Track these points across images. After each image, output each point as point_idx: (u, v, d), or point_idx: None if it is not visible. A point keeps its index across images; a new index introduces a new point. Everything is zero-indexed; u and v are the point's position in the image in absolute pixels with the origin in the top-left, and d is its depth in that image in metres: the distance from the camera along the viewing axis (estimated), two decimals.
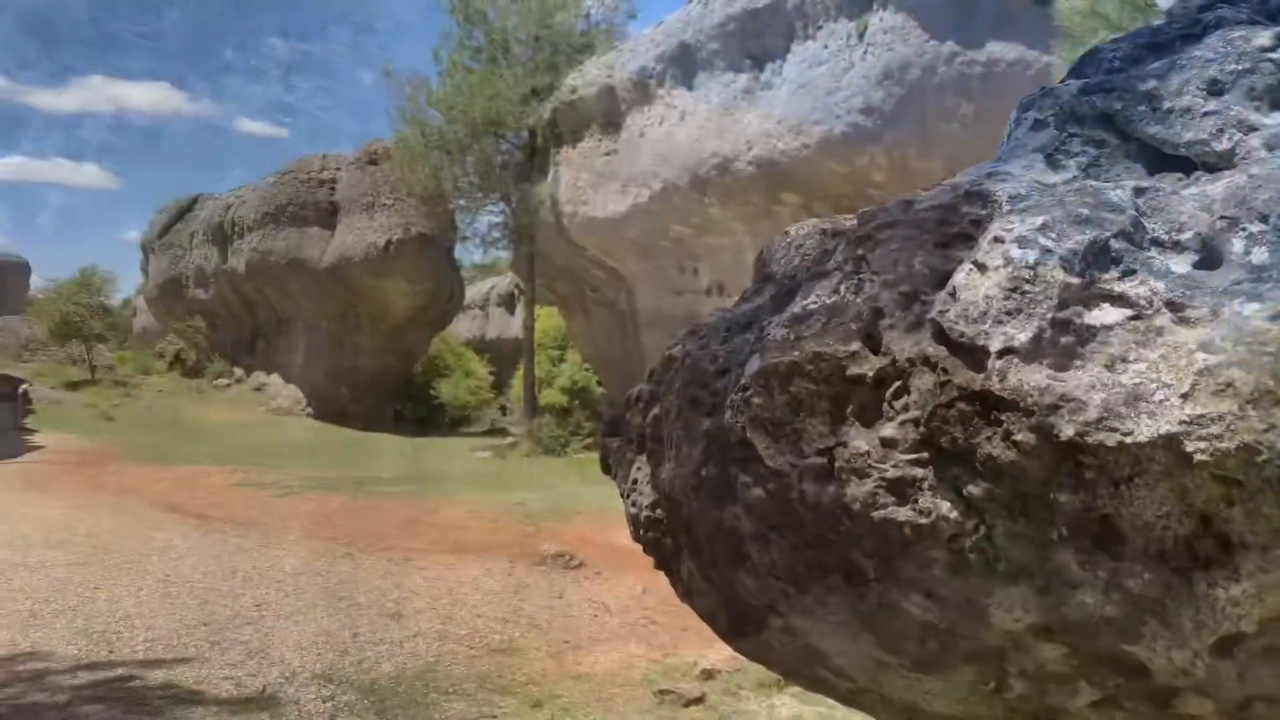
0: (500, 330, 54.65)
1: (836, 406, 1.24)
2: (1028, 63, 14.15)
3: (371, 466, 19.40)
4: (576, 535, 11.73)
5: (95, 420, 28.67)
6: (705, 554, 1.47)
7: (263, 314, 39.46)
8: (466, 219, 28.76)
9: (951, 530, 1.17)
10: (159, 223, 44.76)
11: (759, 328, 1.42)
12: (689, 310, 22.65)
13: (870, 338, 1.25)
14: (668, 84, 21.04)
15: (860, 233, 1.37)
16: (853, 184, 16.67)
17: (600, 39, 25.68)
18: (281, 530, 11.62)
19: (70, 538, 10.52)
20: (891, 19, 15.43)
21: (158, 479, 15.97)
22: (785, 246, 1.66)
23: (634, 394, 1.92)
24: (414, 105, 26.37)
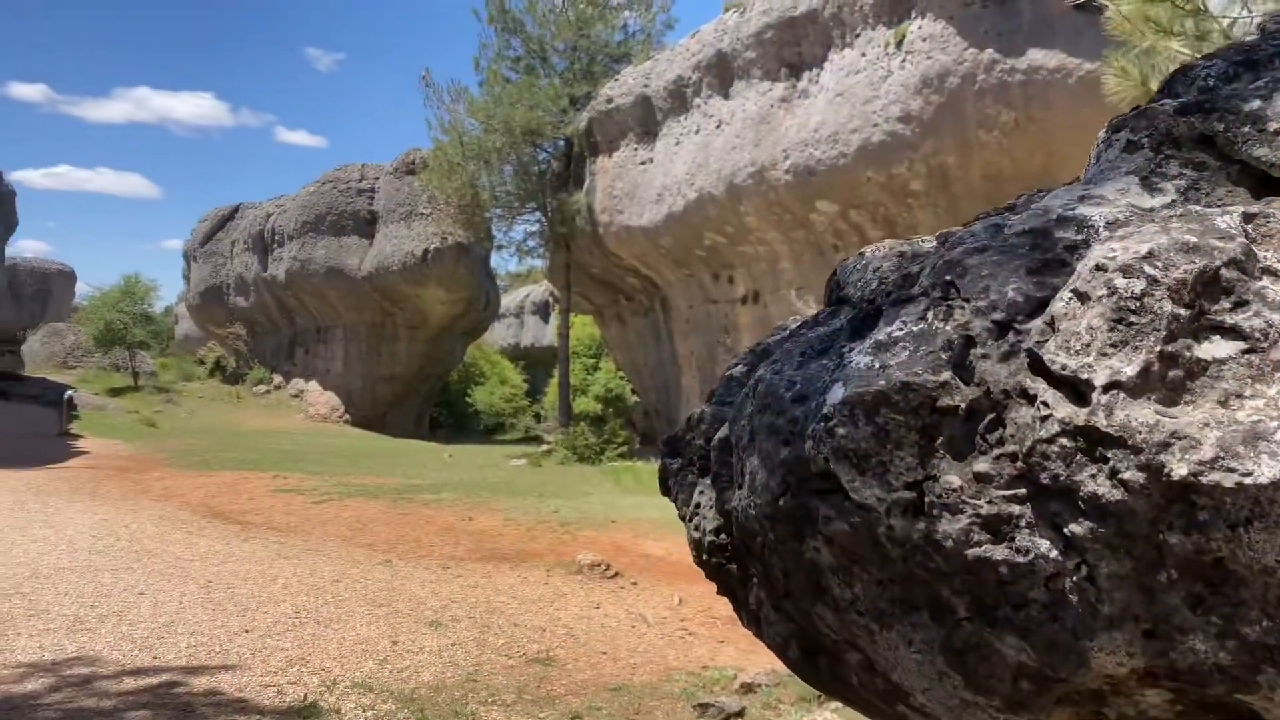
0: (535, 338, 54.96)
1: (926, 439, 1.20)
2: (1069, 70, 13.97)
3: (408, 473, 19.51)
4: (612, 544, 11.70)
5: (138, 426, 29.13)
6: (779, 585, 1.43)
7: (301, 321, 39.97)
8: (503, 228, 28.93)
9: (1051, 570, 1.13)
10: (201, 231, 45.49)
11: (838, 354, 1.38)
12: (724, 318, 22.61)
13: (961, 367, 1.20)
14: (704, 93, 21.04)
15: (948, 257, 1.33)
16: (890, 193, 16.55)
17: (637, 49, 25.75)
18: (320, 537, 11.70)
19: (115, 543, 10.67)
20: (930, 27, 15.31)
21: (199, 485, 16.17)
22: (861, 269, 1.62)
23: (695, 415, 1.88)
24: (452, 115, 26.58)
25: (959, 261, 1.28)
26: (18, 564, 9.32)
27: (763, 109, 18.84)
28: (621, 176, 23.84)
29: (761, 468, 1.35)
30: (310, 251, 35.93)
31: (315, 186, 36.96)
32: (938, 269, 1.32)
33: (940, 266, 1.31)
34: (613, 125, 24.21)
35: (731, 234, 20.70)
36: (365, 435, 32.94)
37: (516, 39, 26.28)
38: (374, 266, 34.13)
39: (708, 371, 23.69)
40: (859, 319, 1.44)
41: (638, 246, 23.96)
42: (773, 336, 1.76)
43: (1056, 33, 14.18)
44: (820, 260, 19.16)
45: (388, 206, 34.75)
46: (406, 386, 37.79)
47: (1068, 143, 14.44)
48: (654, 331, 27.44)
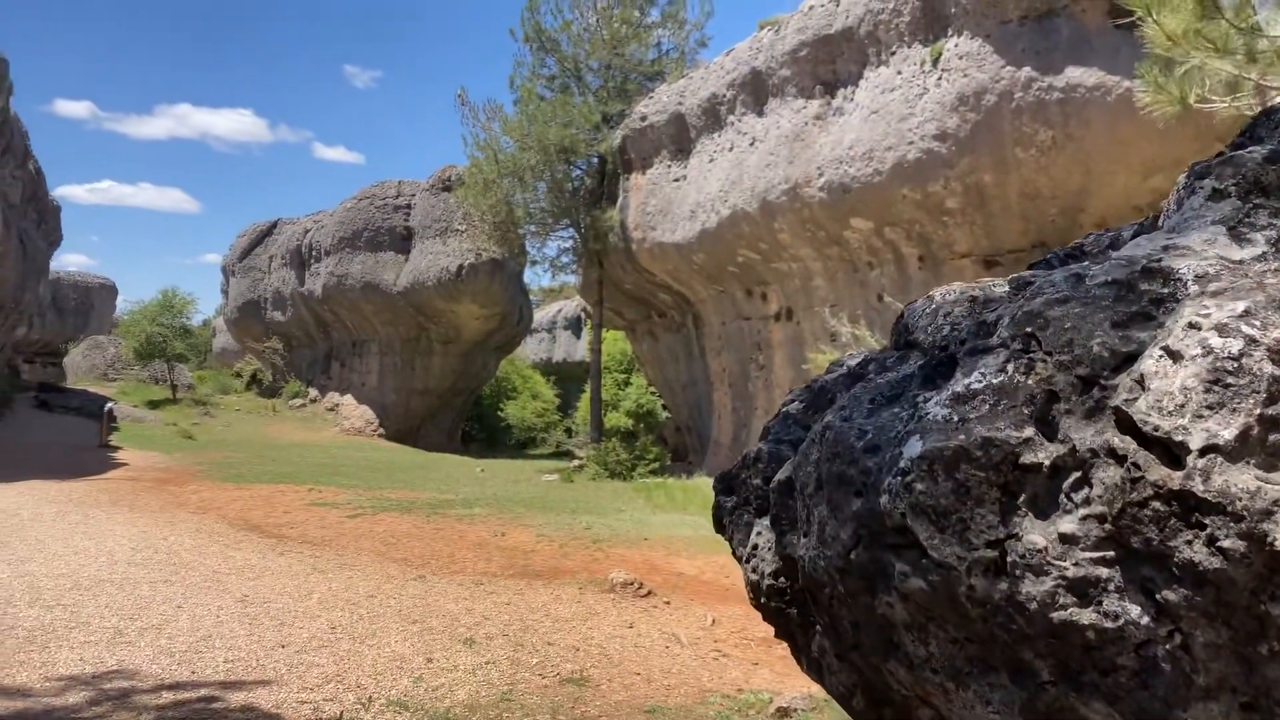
0: (567, 353, 55.13)
1: (1007, 496, 1.17)
2: (1108, 88, 13.83)
3: (441, 487, 19.60)
4: (644, 562, 11.66)
5: (176, 438, 29.52)
6: (847, 637, 1.40)
7: (337, 336, 40.39)
8: (537, 244, 29.10)
9: (1142, 637, 1.09)
10: (239, 246, 46.16)
11: (911, 403, 1.36)
12: (756, 335, 22.55)
13: (1045, 423, 1.17)
14: (738, 110, 21.06)
15: (1027, 308, 1.29)
16: (926, 210, 16.45)
17: (671, 66, 25.86)
18: (355, 551, 11.76)
19: (153, 555, 10.79)
20: (966, 45, 15.23)
21: (235, 498, 16.34)
22: (930, 313, 1.59)
23: (751, 454, 1.86)
24: (488, 132, 26.81)
25: (1040, 313, 1.25)
26: (60, 575, 9.45)
27: (797, 126, 18.82)
28: (655, 193, 23.90)
29: (831, 518, 1.32)
30: (347, 266, 36.33)
31: (352, 202, 37.40)
32: (1017, 320, 1.28)
33: (1020, 317, 1.28)
34: (646, 142, 24.29)
35: (765, 251, 20.66)
36: (399, 449, 33.15)
37: (551, 58, 26.51)
38: (409, 282, 34.43)
39: (740, 388, 23.61)
40: (932, 366, 1.41)
41: (671, 263, 23.98)
42: (830, 374, 1.73)
43: (1095, 50, 14.05)
44: (854, 278, 19.07)
45: (423, 222, 35.08)
46: (440, 400, 38.03)
47: (1106, 161, 14.29)
48: (686, 347, 27.41)
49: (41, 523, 12.70)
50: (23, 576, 9.28)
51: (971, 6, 15.07)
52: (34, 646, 6.96)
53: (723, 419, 24.73)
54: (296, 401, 40.33)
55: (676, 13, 26.25)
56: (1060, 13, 14.35)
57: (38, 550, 10.75)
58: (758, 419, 22.58)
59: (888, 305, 17.90)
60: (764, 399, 22.42)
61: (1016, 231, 15.84)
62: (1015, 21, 14.69)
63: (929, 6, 15.95)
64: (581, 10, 26.15)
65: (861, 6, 17.24)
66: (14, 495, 15.30)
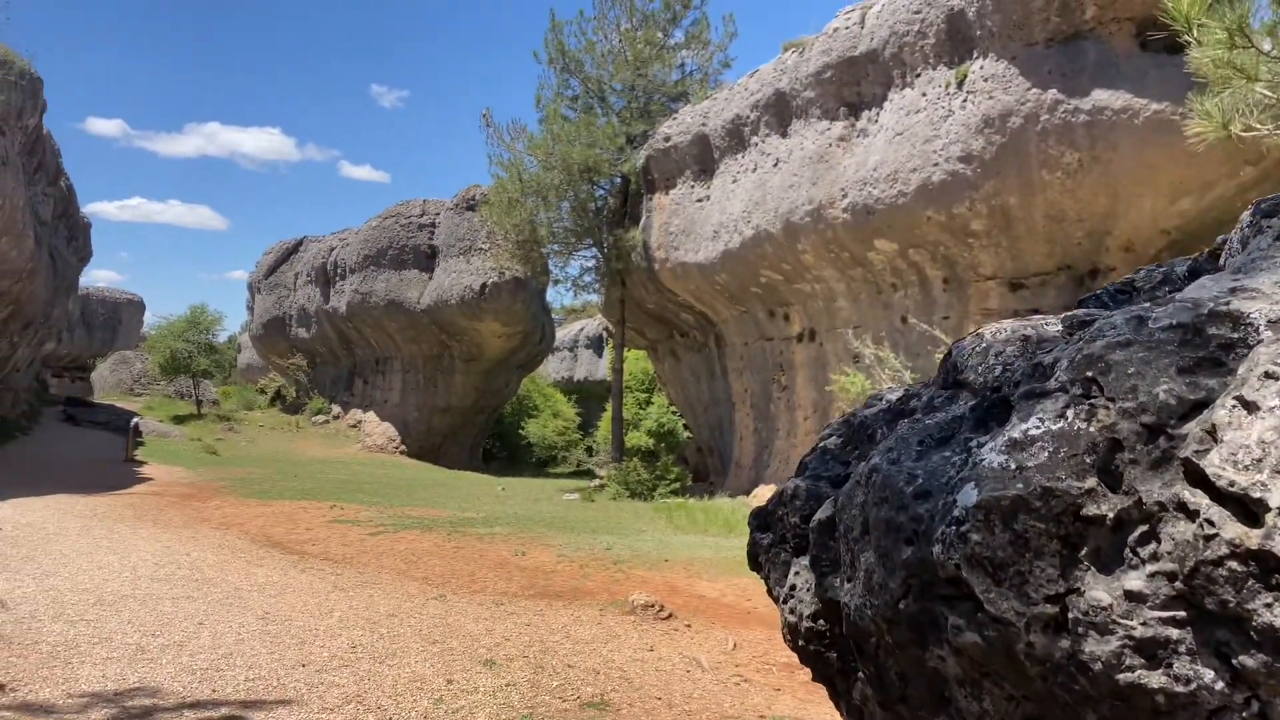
0: (588, 372, 55.18)
1: (1069, 549, 1.12)
2: (1135, 111, 13.74)
3: (461, 505, 19.58)
4: (665, 584, 11.56)
5: (199, 454, 29.71)
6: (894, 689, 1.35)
7: (361, 353, 40.62)
8: (559, 263, 29.20)
9: (1216, 703, 1.04)
10: (265, 264, 46.61)
11: (963, 446, 1.31)
12: (779, 356, 22.47)
13: (1108, 473, 1.13)
14: (762, 131, 21.09)
15: (1087, 351, 1.25)
16: (951, 232, 16.36)
17: (694, 88, 25.96)
18: (376, 569, 11.75)
19: (176, 571, 10.82)
20: (992, 67, 15.19)
21: (258, 514, 16.39)
22: (980, 352, 1.55)
23: (788, 490, 1.81)
24: (512, 152, 26.99)
25: (1101, 357, 1.21)
26: (84, 590, 9.49)
27: (821, 148, 18.81)
28: (678, 213, 23.93)
29: (879, 566, 1.27)
30: (371, 284, 36.58)
31: (378, 221, 37.70)
32: (1077, 363, 1.24)
33: (1079, 360, 1.24)
34: (670, 163, 24.36)
35: (788, 271, 20.62)
36: (420, 466, 33.22)
37: (575, 79, 26.68)
38: (433, 300, 34.62)
39: (762, 409, 23.51)
40: (984, 409, 1.36)
41: (693, 283, 23.98)
42: (869, 409, 1.69)
43: (1122, 73, 13.97)
44: (877, 299, 18.98)
45: (448, 241, 35.29)
46: (462, 418, 38.12)
47: (1134, 184, 14.18)
48: (708, 367, 27.36)
49: (66, 537, 12.79)
50: (47, 591, 9.33)
51: (997, 29, 15.03)
52: (57, 662, 6.98)
53: (744, 440, 24.62)
54: (319, 418, 40.56)
55: (700, 34, 26.38)
56: (1087, 35, 14.28)
57: (62, 565, 10.81)
58: (780, 440, 22.46)
59: (911, 327, 17.78)
60: (786, 420, 22.31)
61: (1042, 254, 15.72)
62: (1041, 44, 14.64)
63: (954, 29, 15.93)
64: (605, 32, 26.33)
65: (886, 29, 17.23)
66: (40, 509, 15.42)
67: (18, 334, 28.53)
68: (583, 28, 26.44)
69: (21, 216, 22.22)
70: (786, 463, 21.90)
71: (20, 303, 26.09)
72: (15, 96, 21.99)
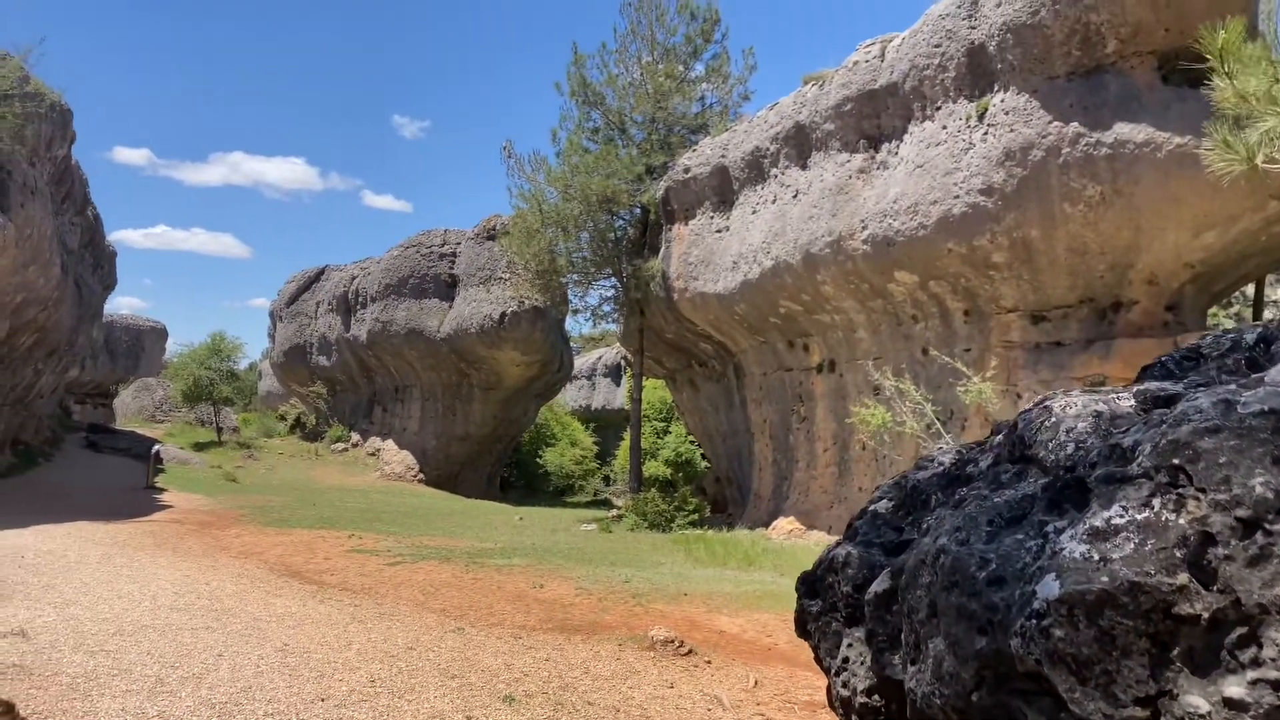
0: (606, 400, 55.17)
1: (1159, 648, 1.08)
2: (1157, 144, 13.70)
3: (480, 535, 19.54)
4: (684, 618, 11.46)
5: (219, 481, 29.84)
6: None
7: (380, 381, 40.81)
8: (578, 293, 29.30)
9: None
10: (287, 292, 47.01)
11: (1038, 530, 1.28)
12: (798, 386, 22.40)
13: (1200, 569, 1.09)
14: (781, 163, 21.17)
15: (1172, 437, 1.22)
16: (972, 265, 16.32)
17: (714, 120, 26.13)
18: (394, 600, 11.72)
19: (195, 600, 10.84)
20: (1013, 100, 15.21)
21: (277, 543, 16.41)
22: (1051, 427, 1.51)
23: (839, 557, 1.78)
24: (532, 183, 27.21)
25: (1188, 443, 1.18)
26: (104, 620, 9.51)
27: (840, 179, 18.85)
28: (697, 244, 24.01)
29: (949, 654, 1.24)
30: (392, 313, 36.83)
31: (399, 250, 38.01)
32: (1161, 449, 1.21)
33: (1164, 446, 1.20)
34: (689, 194, 24.47)
35: (807, 302, 20.60)
36: (438, 495, 33.22)
37: (596, 111, 26.93)
38: (452, 328, 34.79)
39: (781, 440, 23.40)
40: (1058, 489, 1.33)
41: (712, 313, 23.99)
42: (921, 472, 1.66)
43: (1144, 106, 13.95)
44: (898, 331, 18.91)
45: (468, 270, 35.53)
46: (480, 446, 38.16)
47: (1157, 217, 14.11)
48: (727, 398, 27.30)
49: (87, 565, 12.84)
50: (68, 621, 9.35)
51: (1018, 63, 15.07)
52: (77, 694, 6.98)
53: (764, 471, 24.50)
54: (339, 445, 40.70)
55: (720, 67, 26.59)
56: (1108, 69, 14.29)
57: (83, 594, 10.85)
58: (799, 471, 22.33)
59: (933, 359, 17.70)
60: (806, 451, 22.19)
61: (1064, 287, 15.65)
62: (1063, 77, 14.66)
63: (974, 62, 15.98)
64: (627, 65, 26.59)
65: (906, 63, 17.31)
66: (62, 536, 15.51)
67: (42, 361, 28.85)
68: (604, 60, 26.74)
69: (49, 245, 22.55)
70: (806, 494, 21.76)
71: (46, 330, 26.41)
72: (45, 128, 22.39)
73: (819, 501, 21.33)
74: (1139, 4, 13.59)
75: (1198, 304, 16.15)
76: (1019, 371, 16.32)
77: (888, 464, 19.00)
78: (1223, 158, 4.91)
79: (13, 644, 8.21)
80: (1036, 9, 14.55)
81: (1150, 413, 1.36)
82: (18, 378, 27.11)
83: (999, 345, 16.78)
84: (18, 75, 20.14)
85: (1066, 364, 15.46)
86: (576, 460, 44.05)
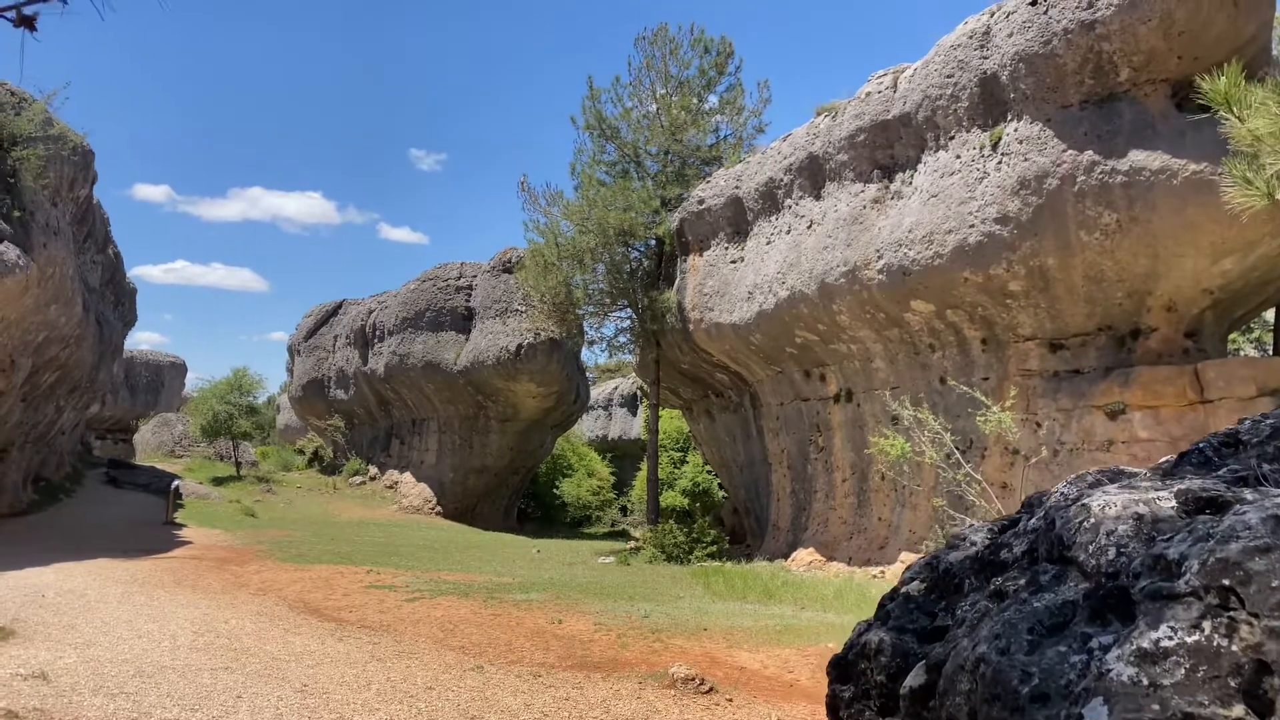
0: (622, 430, 55.08)
1: None
2: (1173, 171, 13.67)
3: (498, 569, 19.47)
4: (704, 655, 11.36)
5: (238, 516, 29.91)
6: None
7: (398, 414, 40.92)
8: (594, 324, 29.37)
9: None
10: (305, 326, 47.32)
11: (1081, 643, 1.25)
12: (815, 416, 22.31)
13: (1256, 699, 1.05)
14: (795, 194, 21.23)
15: (1221, 555, 1.19)
16: (988, 293, 16.27)
17: (728, 151, 26.26)
18: (413, 637, 11.67)
19: (214, 639, 10.83)
20: (1026, 129, 15.23)
21: (295, 579, 16.41)
22: (1090, 528, 1.48)
23: (871, 644, 1.75)
24: (548, 216, 27.38)
25: (1238, 563, 1.14)
26: (123, 660, 9.51)
27: (855, 209, 18.88)
28: (712, 274, 24.06)
29: None
30: (409, 346, 37.00)
31: (416, 284, 38.25)
32: (1210, 568, 1.17)
33: (1213, 565, 1.17)
34: (704, 225, 24.56)
35: (823, 332, 20.57)
36: (456, 528, 33.17)
37: (611, 144, 27.12)
38: (469, 361, 34.90)
39: (799, 470, 23.28)
40: (1101, 599, 1.30)
41: (728, 343, 23.99)
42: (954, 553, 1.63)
43: (1159, 134, 13.95)
44: (915, 360, 18.84)
45: (484, 303, 35.70)
46: (497, 478, 38.14)
47: (1174, 244, 14.05)
48: (744, 428, 27.22)
49: (107, 604, 12.87)
50: (88, 662, 9.36)
51: (1031, 91, 15.11)
52: None
53: (781, 501, 24.36)
54: (356, 479, 40.77)
55: (734, 100, 26.77)
56: (1122, 97, 14.30)
57: (102, 633, 10.86)
58: (818, 502, 22.19)
59: (951, 388, 17.60)
60: (824, 481, 22.06)
61: (1082, 314, 15.57)
62: (1076, 106, 14.68)
63: (987, 92, 16.02)
64: (641, 99, 26.81)
65: (919, 93, 17.38)
66: (82, 574, 15.56)
67: (64, 398, 29.11)
68: (619, 94, 26.96)
69: (71, 284, 22.83)
70: (825, 525, 21.61)
71: (67, 368, 26.67)
72: (68, 170, 22.74)
73: (838, 533, 21.17)
74: (1151, 33, 13.62)
75: (1218, 330, 16.03)
76: (1038, 400, 16.21)
77: (907, 494, 18.86)
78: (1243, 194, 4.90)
79: (34, 687, 8.22)
80: (1048, 39, 14.60)
81: (1194, 519, 1.33)
82: (40, 415, 27.35)
83: (1017, 374, 16.69)
84: (42, 118, 20.49)
85: (1086, 392, 15.34)
86: (593, 491, 43.91)
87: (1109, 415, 14.83)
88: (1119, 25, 13.80)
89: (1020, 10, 15.21)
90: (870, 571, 18.52)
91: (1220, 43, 13.63)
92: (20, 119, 19.81)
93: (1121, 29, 13.80)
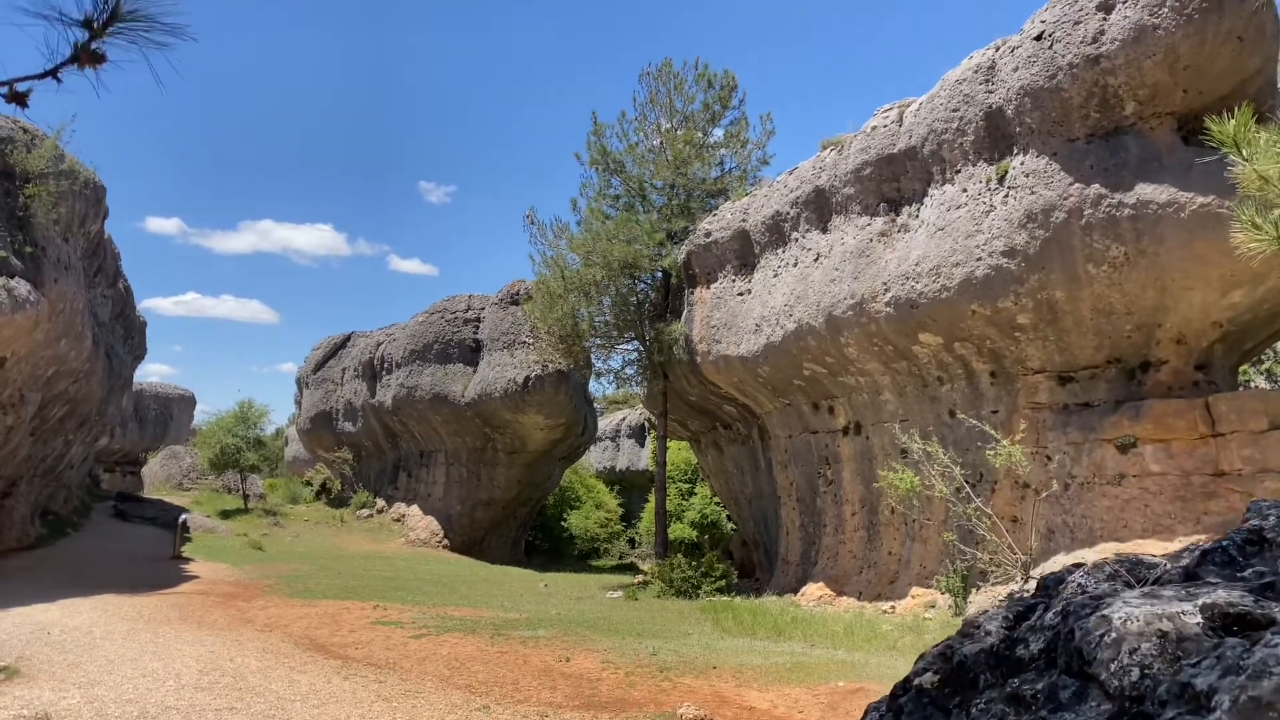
0: (630, 461, 54.91)
1: None
2: (1180, 204, 13.67)
3: (505, 604, 19.34)
4: (713, 694, 11.22)
5: (246, 549, 29.83)
6: None
7: (405, 446, 40.89)
8: (602, 356, 29.39)
9: None
10: (314, 359, 47.45)
11: None
12: (824, 449, 22.20)
13: None
14: (802, 227, 21.29)
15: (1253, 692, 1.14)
16: (996, 326, 16.23)
17: (733, 184, 26.38)
18: (419, 676, 11.57)
19: (220, 678, 10.75)
20: (1033, 163, 15.26)
21: (302, 614, 16.31)
22: (1112, 644, 1.44)
23: None
24: (555, 249, 27.49)
25: (1271, 704, 1.11)
26: (128, 701, 9.44)
27: (861, 243, 18.90)
28: (719, 307, 24.08)
29: None
30: (417, 379, 37.05)
31: (424, 316, 38.38)
32: (1242, 707, 1.13)
33: (1245, 705, 1.13)
34: (711, 257, 24.62)
35: (831, 364, 20.52)
36: (463, 562, 33.01)
37: (616, 178, 27.29)
38: (477, 393, 34.91)
39: (808, 503, 23.14)
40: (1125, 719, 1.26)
41: (735, 375, 23.95)
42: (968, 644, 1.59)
43: (1165, 167, 13.96)
44: (924, 393, 18.77)
45: (492, 335, 35.77)
46: (504, 511, 38.00)
47: (1183, 276, 14.01)
48: (752, 460, 27.11)
49: (112, 641, 12.81)
50: (92, 703, 9.29)
51: (1036, 125, 15.16)
52: None
53: (790, 535, 24.19)
54: (364, 512, 40.68)
55: (739, 133, 26.92)
56: (1128, 130, 14.34)
57: (107, 672, 10.80)
58: (827, 536, 22.03)
59: (960, 421, 17.52)
60: (833, 515, 21.92)
61: (1091, 347, 15.51)
62: (1082, 139, 14.71)
63: (993, 126, 16.08)
64: (646, 133, 27.00)
65: (925, 127, 17.46)
66: (88, 611, 15.50)
67: (73, 432, 29.17)
68: (624, 129, 27.16)
69: (81, 319, 22.95)
70: (835, 559, 21.44)
71: (76, 401, 26.74)
72: (79, 205, 22.93)
73: (848, 566, 21.00)
74: (1156, 67, 13.68)
75: (1228, 362, 15.95)
76: (1048, 433, 16.11)
77: (917, 528, 18.72)
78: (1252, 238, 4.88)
79: None
80: (1054, 73, 14.67)
81: (1223, 640, 1.29)
82: (48, 448, 27.39)
83: (1027, 407, 16.60)
84: (53, 154, 20.69)
85: (1096, 425, 15.25)
86: (601, 523, 43.72)
87: (1120, 449, 14.72)
88: (1124, 60, 13.86)
89: (1025, 45, 15.30)
90: (881, 606, 18.33)
91: (1225, 77, 13.67)
92: (31, 155, 20.01)
93: (1127, 63, 13.86)
